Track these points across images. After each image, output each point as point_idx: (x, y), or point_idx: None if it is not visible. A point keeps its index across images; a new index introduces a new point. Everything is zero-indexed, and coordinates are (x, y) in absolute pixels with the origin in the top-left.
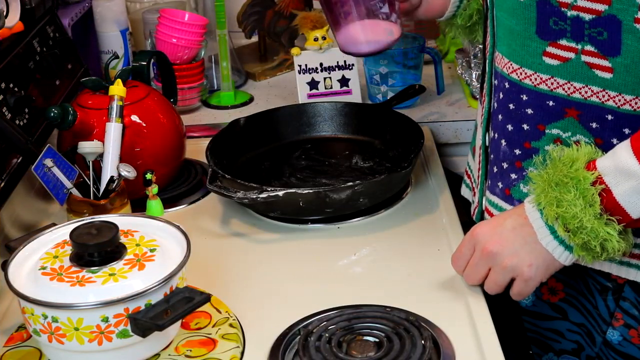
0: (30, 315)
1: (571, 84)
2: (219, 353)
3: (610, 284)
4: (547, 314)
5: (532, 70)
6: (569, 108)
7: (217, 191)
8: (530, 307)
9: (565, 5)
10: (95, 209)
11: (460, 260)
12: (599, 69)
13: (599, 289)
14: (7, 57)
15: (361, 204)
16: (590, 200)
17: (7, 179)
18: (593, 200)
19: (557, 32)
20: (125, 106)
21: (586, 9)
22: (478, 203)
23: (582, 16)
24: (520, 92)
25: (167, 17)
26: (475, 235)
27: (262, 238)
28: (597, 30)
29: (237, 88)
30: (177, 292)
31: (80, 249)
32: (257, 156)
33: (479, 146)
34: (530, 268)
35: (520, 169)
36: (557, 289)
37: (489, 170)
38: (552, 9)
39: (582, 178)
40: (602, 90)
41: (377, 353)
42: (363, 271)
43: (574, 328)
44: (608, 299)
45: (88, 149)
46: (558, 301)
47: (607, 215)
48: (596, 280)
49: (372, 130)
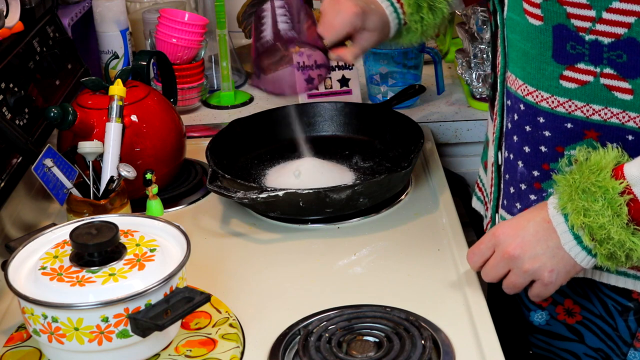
0: (30, 315)
1: (590, 107)
2: (219, 353)
3: (632, 303)
4: (562, 334)
5: (549, 94)
6: (588, 130)
7: (217, 191)
8: (543, 325)
9: (583, 30)
10: (95, 209)
11: (477, 257)
12: (618, 91)
13: (620, 310)
14: (7, 57)
15: (361, 204)
16: (618, 210)
17: (7, 179)
18: (621, 211)
19: (574, 56)
20: (125, 106)
21: (605, 32)
22: (491, 219)
23: (600, 40)
24: (537, 115)
25: (167, 17)
26: (497, 236)
27: (262, 238)
28: (616, 53)
29: (237, 88)
30: (177, 292)
31: (80, 249)
32: (257, 156)
33: (491, 163)
34: (552, 274)
35: (539, 190)
36: (574, 311)
37: (504, 190)
38: (570, 34)
39: (611, 188)
40: (623, 112)
41: (377, 353)
42: (363, 271)
43: (591, 353)
44: (629, 319)
45: (88, 149)
46: (575, 323)
47: (633, 224)
48: (616, 302)
49: (372, 130)
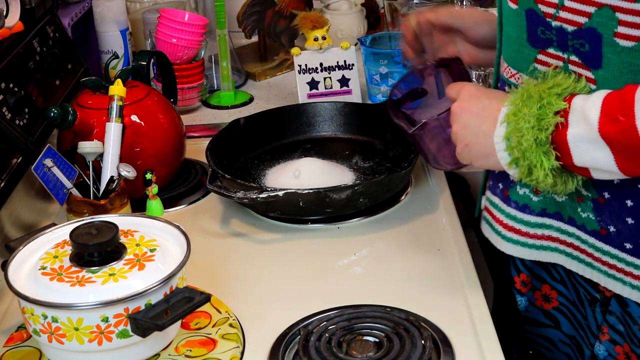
0: (30, 315)
1: None
2: (219, 353)
3: (599, 295)
4: (540, 320)
5: (527, 76)
6: None
7: (217, 191)
8: (523, 312)
9: (549, 16)
10: (95, 209)
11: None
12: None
13: (589, 300)
14: (7, 57)
15: (361, 204)
16: (543, 125)
17: (7, 179)
18: (544, 126)
19: (545, 41)
20: (125, 106)
21: (568, 20)
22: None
23: (565, 27)
24: None
25: (167, 17)
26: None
27: (262, 238)
28: (579, 42)
29: (237, 88)
30: (177, 292)
31: (80, 249)
32: (257, 156)
33: None
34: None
35: None
36: (550, 297)
37: (491, 171)
38: (539, 19)
39: (552, 103)
40: None
41: (377, 353)
42: (363, 271)
43: (565, 340)
44: (596, 310)
45: (88, 149)
46: (551, 309)
47: (550, 147)
48: (586, 290)
49: (372, 130)
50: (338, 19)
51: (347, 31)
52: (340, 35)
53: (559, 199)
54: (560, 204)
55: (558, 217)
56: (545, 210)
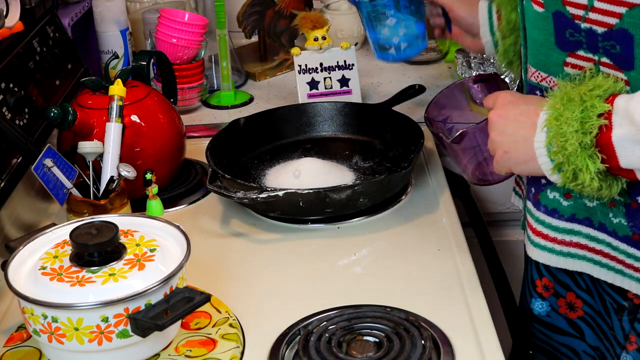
0: (30, 315)
1: None
2: (219, 353)
3: (627, 303)
4: (563, 328)
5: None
6: None
7: (217, 191)
8: (544, 316)
9: (578, 18)
10: (95, 209)
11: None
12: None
13: (616, 308)
14: (7, 57)
15: (361, 204)
16: (587, 128)
17: (7, 179)
18: (588, 129)
19: (574, 44)
20: (125, 106)
21: (598, 21)
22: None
23: (594, 29)
24: None
25: (167, 17)
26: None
27: (262, 238)
28: (609, 43)
29: (237, 88)
30: (177, 292)
31: (80, 249)
32: (257, 156)
33: None
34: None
35: None
36: (576, 306)
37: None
38: (567, 21)
39: (595, 105)
40: None
41: (377, 353)
42: (363, 271)
43: (590, 351)
44: (623, 319)
45: (88, 149)
46: (576, 318)
47: (595, 150)
48: (613, 299)
49: (372, 130)
50: (338, 19)
51: (347, 31)
52: (340, 35)
53: (590, 204)
54: (591, 209)
55: (588, 222)
56: (574, 216)
